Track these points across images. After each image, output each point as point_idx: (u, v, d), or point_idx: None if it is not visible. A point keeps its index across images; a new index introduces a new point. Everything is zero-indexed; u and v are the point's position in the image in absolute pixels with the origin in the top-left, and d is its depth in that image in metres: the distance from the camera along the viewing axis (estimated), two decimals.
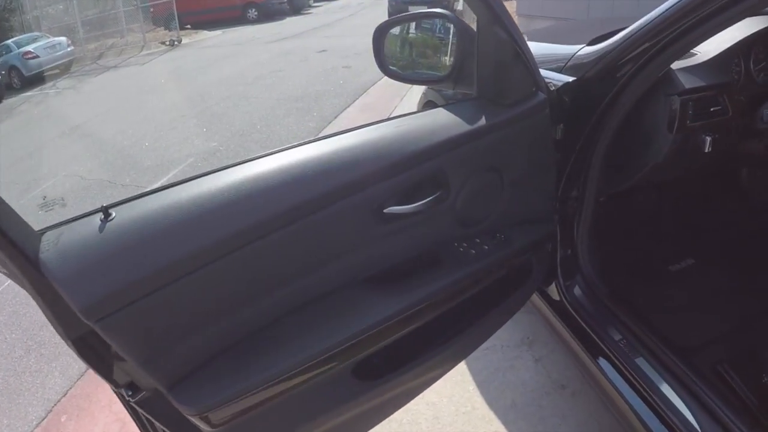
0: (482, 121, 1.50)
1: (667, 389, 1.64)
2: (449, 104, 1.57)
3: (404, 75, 1.81)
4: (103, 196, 5.39)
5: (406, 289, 1.45)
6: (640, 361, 1.72)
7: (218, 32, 19.12)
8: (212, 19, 20.53)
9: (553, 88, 1.69)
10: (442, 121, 1.50)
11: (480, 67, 1.57)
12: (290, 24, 18.50)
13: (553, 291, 2.02)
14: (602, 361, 1.82)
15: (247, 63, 12.17)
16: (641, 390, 1.66)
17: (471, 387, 2.50)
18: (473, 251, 1.58)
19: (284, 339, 1.31)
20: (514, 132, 1.57)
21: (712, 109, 1.86)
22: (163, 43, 17.42)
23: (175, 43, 17.10)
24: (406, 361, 1.52)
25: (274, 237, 1.21)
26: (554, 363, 2.56)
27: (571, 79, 1.76)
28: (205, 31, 19.53)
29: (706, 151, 1.87)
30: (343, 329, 1.34)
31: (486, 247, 1.60)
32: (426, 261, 1.53)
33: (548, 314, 2.06)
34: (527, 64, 1.54)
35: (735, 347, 1.99)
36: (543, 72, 1.67)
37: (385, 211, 1.37)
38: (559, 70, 1.84)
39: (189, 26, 19.75)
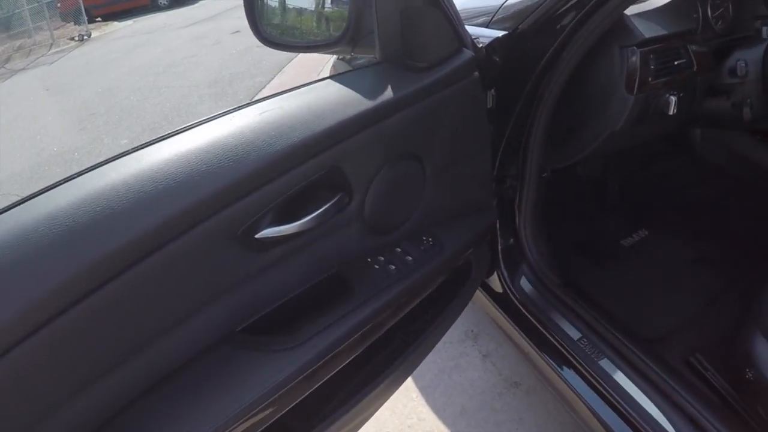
0: (388, 94, 1.15)
1: (636, 392, 1.40)
2: (340, 74, 1.23)
3: (287, 42, 1.39)
4: None
5: (301, 338, 1.06)
6: (604, 362, 1.48)
7: (129, 22, 18.30)
8: (123, 8, 19.64)
9: (480, 46, 1.39)
10: (331, 98, 1.13)
11: (381, 19, 1.19)
12: (204, 7, 17.71)
13: (495, 282, 1.76)
14: (558, 362, 1.57)
15: (158, 51, 11.61)
16: (606, 394, 1.42)
17: (414, 394, 2.22)
18: (393, 266, 1.24)
19: None
20: (434, 104, 1.24)
21: (676, 63, 1.60)
22: (72, 38, 16.53)
23: (85, 37, 16.24)
24: (327, 414, 1.18)
25: (96, 298, 0.82)
26: (504, 358, 2.30)
27: (500, 33, 1.47)
28: (116, 23, 18.68)
29: (671, 113, 1.61)
30: (216, 413, 0.95)
31: (410, 258, 1.27)
32: (328, 293, 1.18)
33: (492, 309, 1.79)
34: (446, 10, 1.22)
35: (706, 331, 1.77)
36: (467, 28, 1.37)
37: (257, 236, 1.00)
38: (486, 25, 1.54)
39: (99, 18, 18.86)
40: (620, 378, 1.43)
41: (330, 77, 1.20)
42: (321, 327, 1.08)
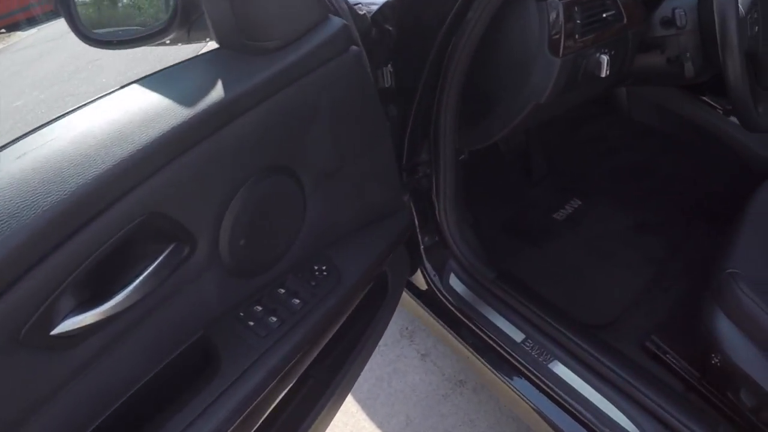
0: (227, 90, 0.86)
1: (592, 393, 1.25)
2: (157, 72, 0.92)
3: (113, 38, 1.02)
4: None
5: None
6: (553, 364, 1.32)
7: (33, 30, 17.38)
8: (27, 16, 18.69)
9: (364, 13, 1.16)
10: (141, 108, 0.81)
11: None
12: None
13: (420, 281, 1.56)
14: (502, 368, 1.40)
15: (62, 58, 11.03)
16: (560, 399, 1.27)
17: (354, 408, 2.01)
18: (275, 318, 0.97)
19: None
20: (297, 94, 0.98)
21: (604, 15, 1.39)
22: None
23: None
24: None
25: None
26: (445, 355, 2.11)
27: None
28: (20, 32, 17.77)
29: (604, 75, 1.40)
30: None
31: (297, 301, 1.01)
32: (190, 371, 0.90)
33: (422, 313, 1.60)
34: None
35: (657, 308, 1.63)
36: None
37: (54, 333, 0.71)
38: None
39: (3, 30, 17.90)
40: (573, 379, 1.28)
41: (142, 79, 0.90)
42: (185, 423, 0.82)
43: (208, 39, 0.97)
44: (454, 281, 1.51)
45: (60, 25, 16.63)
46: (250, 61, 0.92)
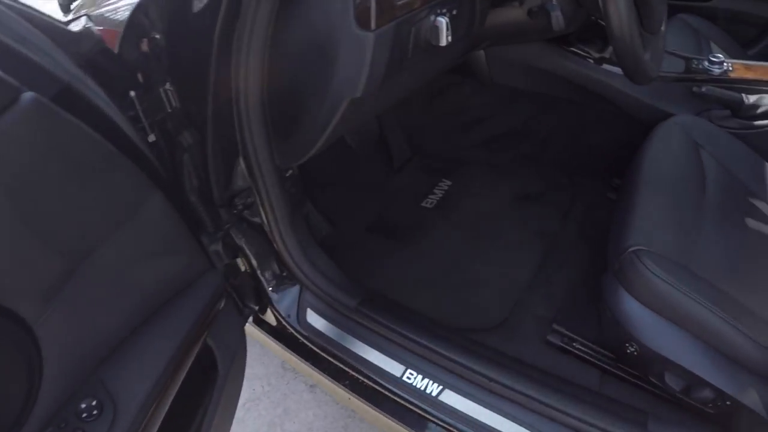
0: None
1: (491, 417, 1.10)
2: None
3: None
4: None
5: None
6: (443, 394, 1.14)
7: None
8: None
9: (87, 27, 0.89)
10: None
11: None
12: None
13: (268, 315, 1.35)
14: (385, 407, 1.21)
15: None
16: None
17: None
18: None
19: None
20: None
21: None
22: None
23: None
24: None
25: None
26: None
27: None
28: None
29: (444, 43, 1.10)
30: None
31: None
32: None
33: (288, 355, 1.37)
34: None
35: (554, 291, 1.51)
36: None
37: None
38: None
39: None
40: (469, 407, 1.12)
41: None
42: None
43: None
44: (312, 317, 1.29)
45: None
46: None
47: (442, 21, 1.07)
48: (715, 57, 1.64)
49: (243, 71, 1.01)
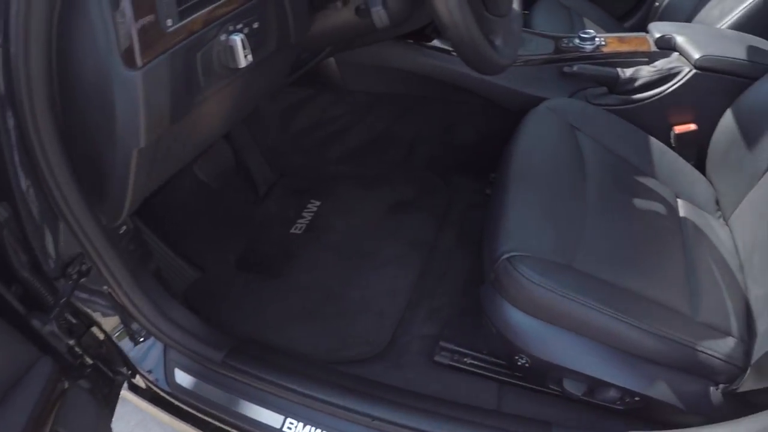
0: None
1: None
2: None
3: None
4: None
5: None
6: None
7: None
8: None
9: None
10: None
11: None
12: None
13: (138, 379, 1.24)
14: None
15: None
16: None
17: None
18: None
19: None
20: None
21: None
22: None
23: None
24: None
25: None
26: None
27: None
28: None
29: (244, 64, 0.93)
30: None
31: None
32: None
33: (162, 416, 1.25)
34: None
35: (438, 306, 1.43)
36: None
37: None
38: None
39: None
40: None
41: None
42: None
43: None
44: (180, 376, 1.16)
45: None
46: None
47: (236, 39, 0.90)
48: (585, 33, 1.59)
49: (28, 121, 0.85)
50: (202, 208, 1.66)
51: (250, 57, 0.92)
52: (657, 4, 2.35)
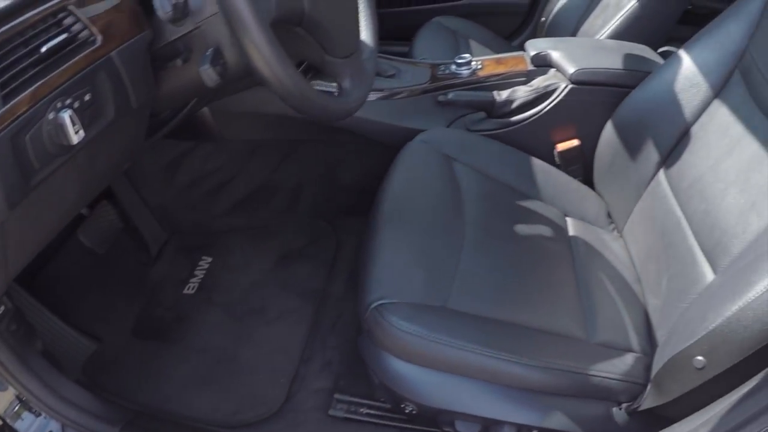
0: None
1: None
2: None
3: None
4: None
5: None
6: None
7: None
8: None
9: None
10: None
11: None
12: None
13: None
14: None
15: None
16: None
17: None
18: None
19: None
20: None
21: (45, 48, 0.86)
22: None
23: None
24: None
25: None
26: None
27: None
28: None
29: (76, 141, 0.87)
30: None
31: None
32: None
33: None
34: None
35: (331, 358, 1.40)
36: None
37: None
38: None
39: None
40: None
41: None
42: None
43: None
44: None
45: None
46: None
47: (65, 116, 0.85)
48: (461, 58, 1.56)
49: None
50: (92, 276, 1.60)
51: (81, 133, 0.86)
52: (543, 19, 2.35)
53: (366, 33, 1.19)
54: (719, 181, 1.06)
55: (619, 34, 1.91)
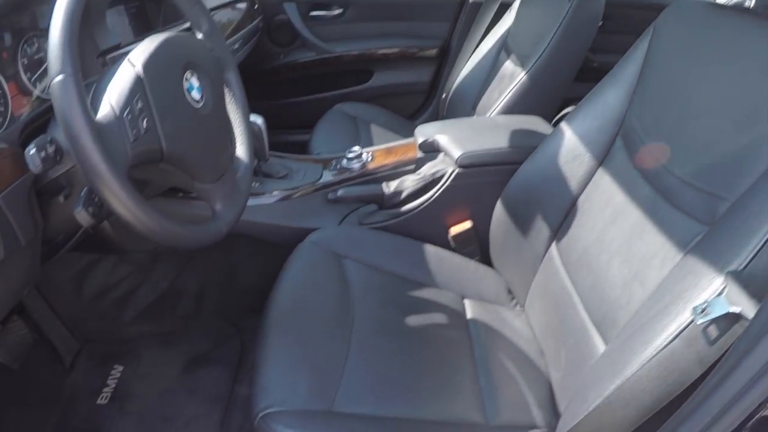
0: None
1: None
2: None
3: None
4: None
5: None
6: None
7: None
8: None
9: None
10: None
11: None
12: None
13: None
14: None
15: None
16: None
17: None
18: None
19: None
20: None
21: None
22: None
23: None
24: None
25: None
26: None
27: None
28: None
29: None
30: None
31: None
32: None
33: None
34: None
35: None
36: None
37: None
38: None
39: None
40: None
41: None
42: None
43: None
44: None
45: None
46: None
47: None
48: (351, 152, 1.59)
49: None
50: (6, 392, 1.57)
51: None
52: (444, 96, 2.39)
53: (241, 149, 1.20)
54: (604, 252, 1.08)
55: (514, 106, 1.93)
